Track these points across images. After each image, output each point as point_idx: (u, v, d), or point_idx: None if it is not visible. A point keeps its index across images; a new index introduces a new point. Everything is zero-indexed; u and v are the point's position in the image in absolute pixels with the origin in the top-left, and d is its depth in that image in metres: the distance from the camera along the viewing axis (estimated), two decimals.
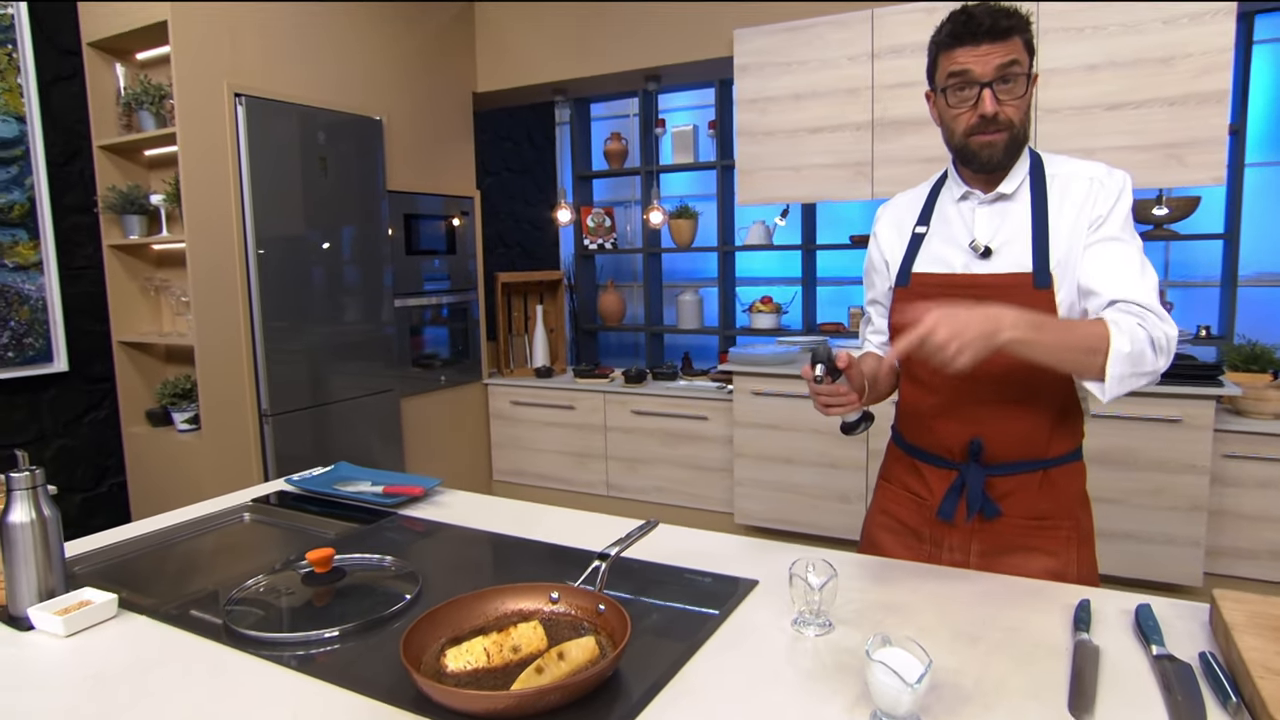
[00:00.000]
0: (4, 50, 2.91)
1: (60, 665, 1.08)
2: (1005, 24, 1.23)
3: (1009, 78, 1.24)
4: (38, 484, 1.24)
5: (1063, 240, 1.28)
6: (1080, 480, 1.38)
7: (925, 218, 1.42)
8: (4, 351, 2.92)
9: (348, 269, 3.49)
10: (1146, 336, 1.18)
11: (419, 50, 3.91)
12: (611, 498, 3.99)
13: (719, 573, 1.30)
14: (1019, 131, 1.28)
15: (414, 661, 0.98)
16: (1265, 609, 1.04)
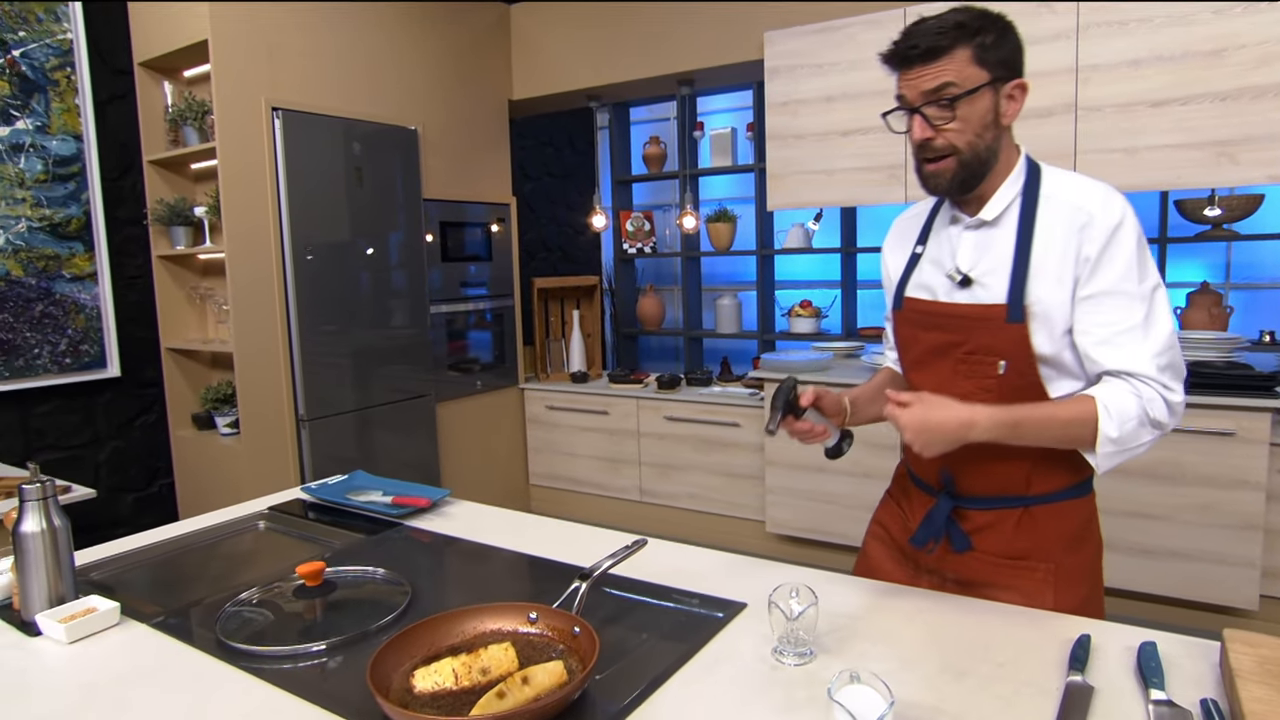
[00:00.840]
0: (63, 73, 3.05)
1: (58, 672, 1.12)
2: (939, 43, 1.14)
3: (944, 100, 1.15)
4: (48, 495, 1.28)
5: (1045, 274, 1.18)
6: (1072, 520, 1.28)
7: (924, 236, 1.36)
8: (62, 358, 3.06)
9: (384, 276, 3.56)
10: (1139, 414, 1.14)
11: (454, 59, 3.96)
12: (644, 503, 3.97)
13: (708, 594, 1.27)
14: (970, 156, 1.18)
15: (385, 680, 0.98)
16: (1274, 654, 0.97)
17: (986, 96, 1.17)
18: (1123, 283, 1.16)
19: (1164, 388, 1.15)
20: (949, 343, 1.26)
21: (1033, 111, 2.93)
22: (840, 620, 1.17)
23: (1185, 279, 3.90)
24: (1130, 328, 1.15)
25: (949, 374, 1.27)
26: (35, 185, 2.98)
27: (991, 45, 1.16)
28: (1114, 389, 1.16)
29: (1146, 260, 1.18)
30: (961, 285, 1.25)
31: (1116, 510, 2.85)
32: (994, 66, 1.17)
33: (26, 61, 2.97)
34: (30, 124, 2.97)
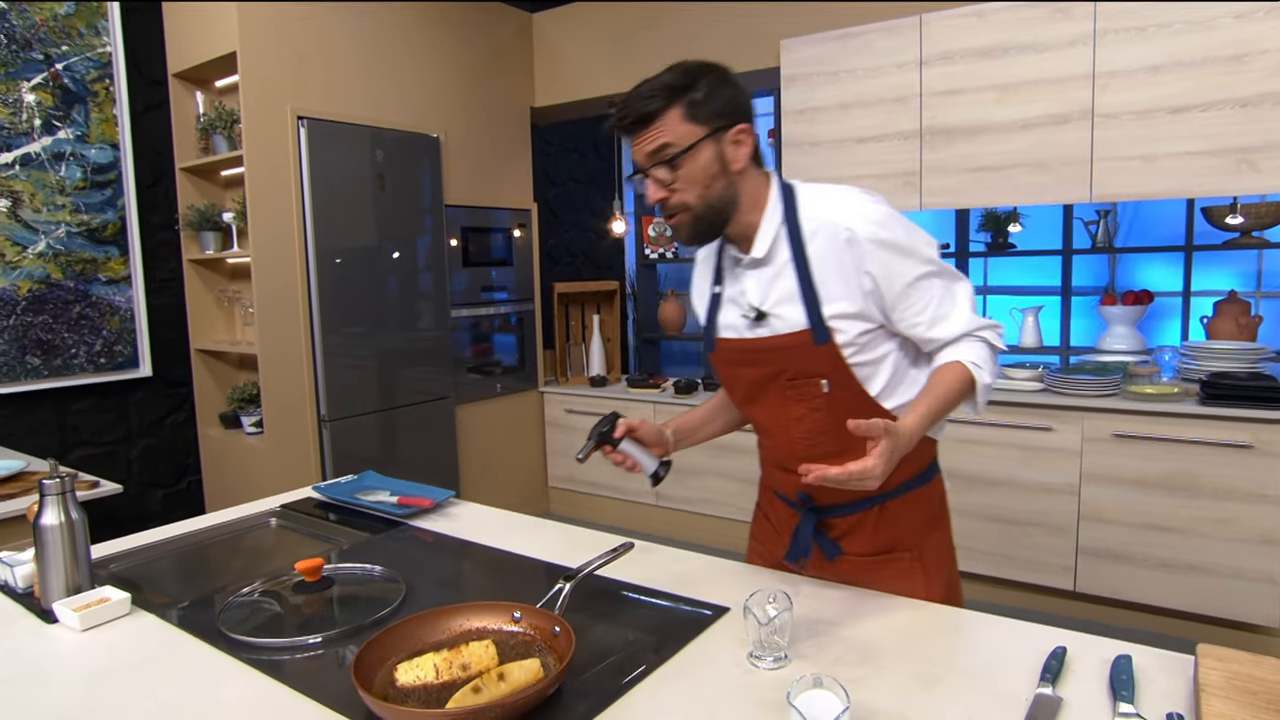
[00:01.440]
0: (102, 84, 3.17)
1: (71, 657, 1.18)
2: (649, 108, 1.18)
3: (665, 162, 1.19)
4: (66, 490, 1.34)
5: (834, 294, 1.23)
6: (927, 505, 1.37)
7: (719, 276, 1.38)
8: (97, 358, 3.17)
9: (405, 280, 3.63)
10: (990, 353, 1.28)
11: (476, 68, 4.02)
12: (660, 507, 3.99)
13: (693, 597, 1.29)
14: (703, 209, 1.22)
15: (370, 673, 1.02)
16: (1249, 670, 0.96)
17: (707, 149, 1.20)
18: (914, 271, 1.24)
19: (987, 325, 1.29)
20: (770, 374, 1.31)
21: (1049, 119, 2.91)
22: (820, 627, 1.19)
23: (1213, 287, 3.82)
24: (942, 299, 1.26)
25: (779, 401, 1.32)
26: (74, 192, 3.10)
27: (703, 100, 1.19)
28: (966, 346, 1.27)
29: (916, 238, 1.25)
30: (758, 320, 1.28)
31: (1131, 522, 2.81)
32: (709, 119, 1.19)
33: (69, 74, 3.09)
34: (71, 133, 3.09)
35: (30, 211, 2.98)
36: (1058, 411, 2.88)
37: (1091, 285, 4.20)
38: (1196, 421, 2.67)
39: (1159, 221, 4.02)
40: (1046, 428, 2.90)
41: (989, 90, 2.99)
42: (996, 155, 3.01)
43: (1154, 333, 4.01)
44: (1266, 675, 0.95)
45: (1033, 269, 4.23)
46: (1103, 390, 2.89)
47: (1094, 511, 2.87)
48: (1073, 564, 2.93)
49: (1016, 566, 3.03)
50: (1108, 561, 2.87)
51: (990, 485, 3.02)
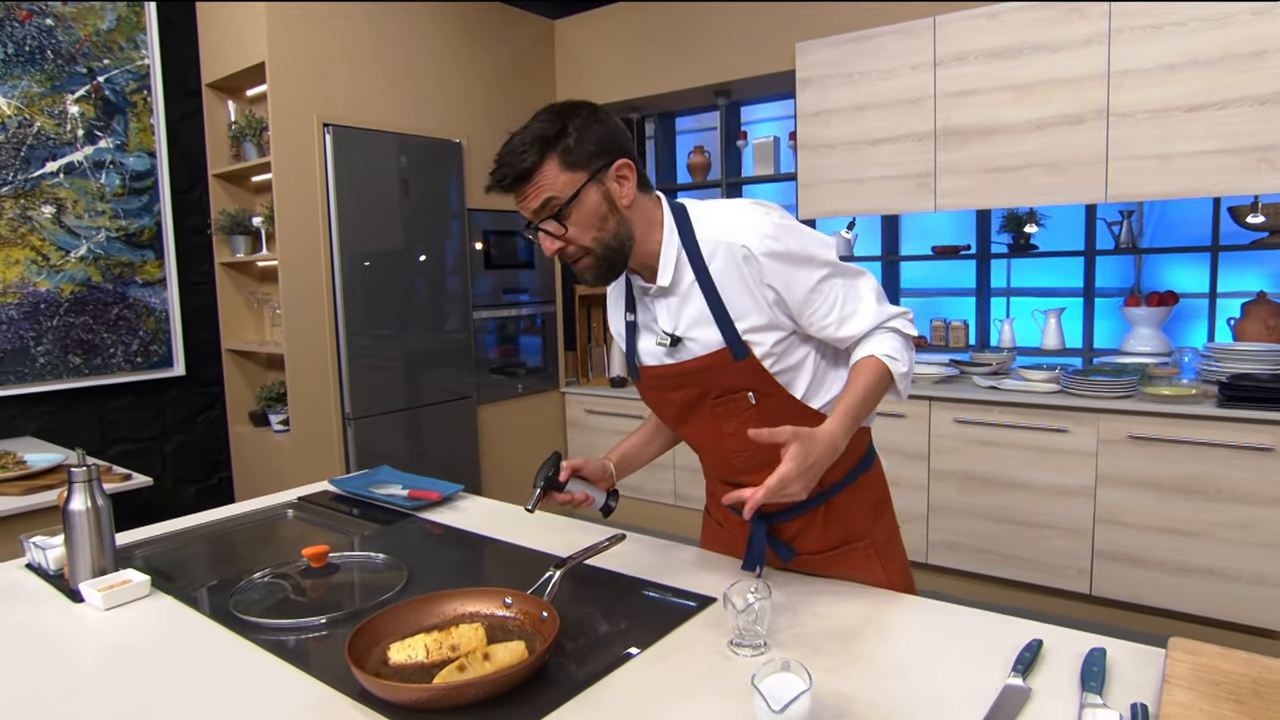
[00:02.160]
0: (140, 95, 3.30)
1: (94, 633, 1.25)
2: (523, 165, 1.16)
3: (553, 215, 1.19)
4: (93, 478, 1.42)
5: (743, 311, 1.24)
6: (870, 492, 1.40)
7: (631, 304, 1.37)
8: (134, 357, 3.30)
9: (429, 283, 3.71)
10: (903, 342, 1.30)
11: (499, 74, 4.10)
12: (679, 507, 4.03)
13: (681, 588, 1.33)
14: (601, 251, 1.22)
15: (364, 653, 1.07)
16: (1217, 663, 0.97)
17: (592, 193, 1.19)
18: (813, 276, 1.24)
19: (895, 316, 1.31)
20: (697, 395, 1.31)
21: (1063, 119, 2.89)
22: (803, 618, 1.21)
23: (1242, 288, 3.75)
24: (845, 299, 1.27)
25: (709, 420, 1.32)
26: (114, 199, 3.23)
27: (575, 145, 1.17)
28: (877, 340, 1.29)
29: (810, 241, 1.25)
30: (674, 345, 1.29)
31: (1148, 525, 2.78)
32: (586, 162, 1.18)
33: (109, 86, 3.22)
34: (111, 143, 3.22)
35: (73, 217, 3.12)
36: (1073, 413, 2.86)
37: (1116, 287, 4.14)
38: (1215, 423, 2.63)
39: (1185, 221, 3.95)
40: (1062, 429, 2.88)
41: (1003, 91, 2.98)
42: (1011, 156, 3.00)
43: (1179, 335, 3.94)
44: (1232, 668, 0.96)
45: (1055, 270, 4.18)
46: (1119, 392, 2.86)
47: (1110, 514, 2.84)
48: (1088, 567, 2.90)
49: (1031, 569, 3.01)
50: (1124, 565, 2.84)
51: (1005, 487, 3.01)
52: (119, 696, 1.05)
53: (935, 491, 3.12)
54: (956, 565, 3.14)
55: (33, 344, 3.03)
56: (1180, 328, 3.97)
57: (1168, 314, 3.53)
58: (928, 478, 3.14)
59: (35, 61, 3.03)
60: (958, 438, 3.02)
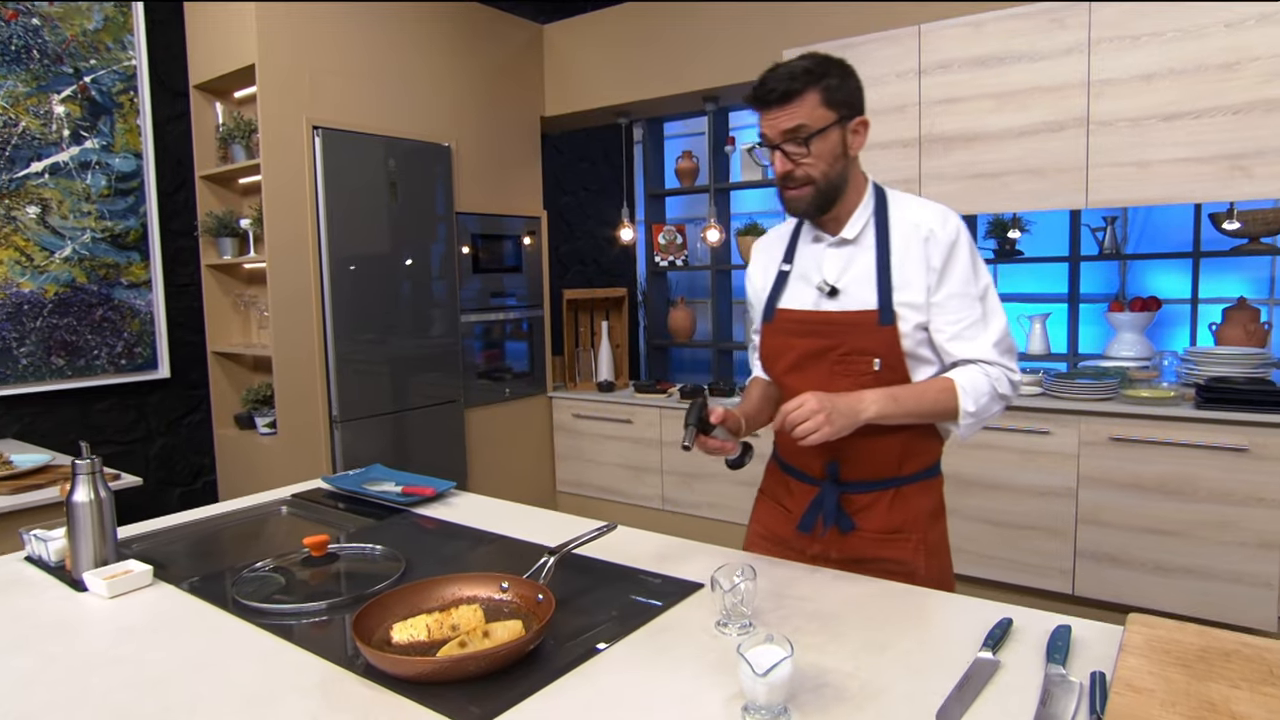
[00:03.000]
0: (127, 96, 3.36)
1: (101, 619, 1.32)
2: (792, 87, 1.34)
3: (797, 139, 1.35)
4: (96, 470, 1.50)
5: (905, 282, 1.41)
6: (933, 495, 1.50)
7: (790, 255, 1.54)
8: (118, 359, 3.35)
9: (417, 286, 3.78)
10: (990, 390, 1.40)
11: (487, 78, 4.19)
12: (666, 512, 4.11)
13: (670, 575, 1.41)
14: (826, 185, 1.39)
15: (367, 633, 1.15)
16: (1171, 634, 1.07)
17: (835, 133, 1.38)
18: (964, 287, 1.40)
19: (1006, 369, 1.41)
20: (825, 347, 1.45)
21: (1044, 126, 3.01)
22: (788, 601, 1.30)
23: (1223, 294, 3.89)
24: (973, 323, 1.41)
25: (825, 375, 1.45)
26: (99, 200, 3.28)
27: (836, 88, 1.37)
28: (968, 372, 1.41)
29: (979, 265, 1.43)
30: (830, 295, 1.44)
31: (1128, 525, 2.89)
32: (839, 106, 1.38)
33: (96, 86, 3.28)
34: (97, 143, 3.28)
35: (58, 218, 3.17)
36: (1055, 415, 2.97)
37: (1101, 292, 4.27)
38: (1193, 425, 2.75)
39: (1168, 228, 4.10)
40: (1044, 431, 2.99)
41: (986, 99, 3.10)
42: (993, 162, 3.12)
43: (1163, 340, 4.08)
44: (1184, 638, 1.06)
45: (1041, 276, 4.32)
46: (1100, 394, 2.97)
47: (1092, 514, 2.95)
48: (1071, 567, 3.01)
49: (1014, 570, 3.11)
50: (1105, 565, 2.95)
51: (988, 489, 3.11)
52: (131, 673, 1.12)
53: None
54: None
55: (15, 345, 3.08)
56: (1163, 333, 4.11)
57: (1151, 319, 3.66)
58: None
59: (21, 61, 3.08)
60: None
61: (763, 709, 0.95)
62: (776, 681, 0.93)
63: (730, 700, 1.01)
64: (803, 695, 1.01)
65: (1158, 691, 0.92)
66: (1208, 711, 0.88)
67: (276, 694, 1.06)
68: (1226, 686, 0.94)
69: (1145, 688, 0.93)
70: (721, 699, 1.01)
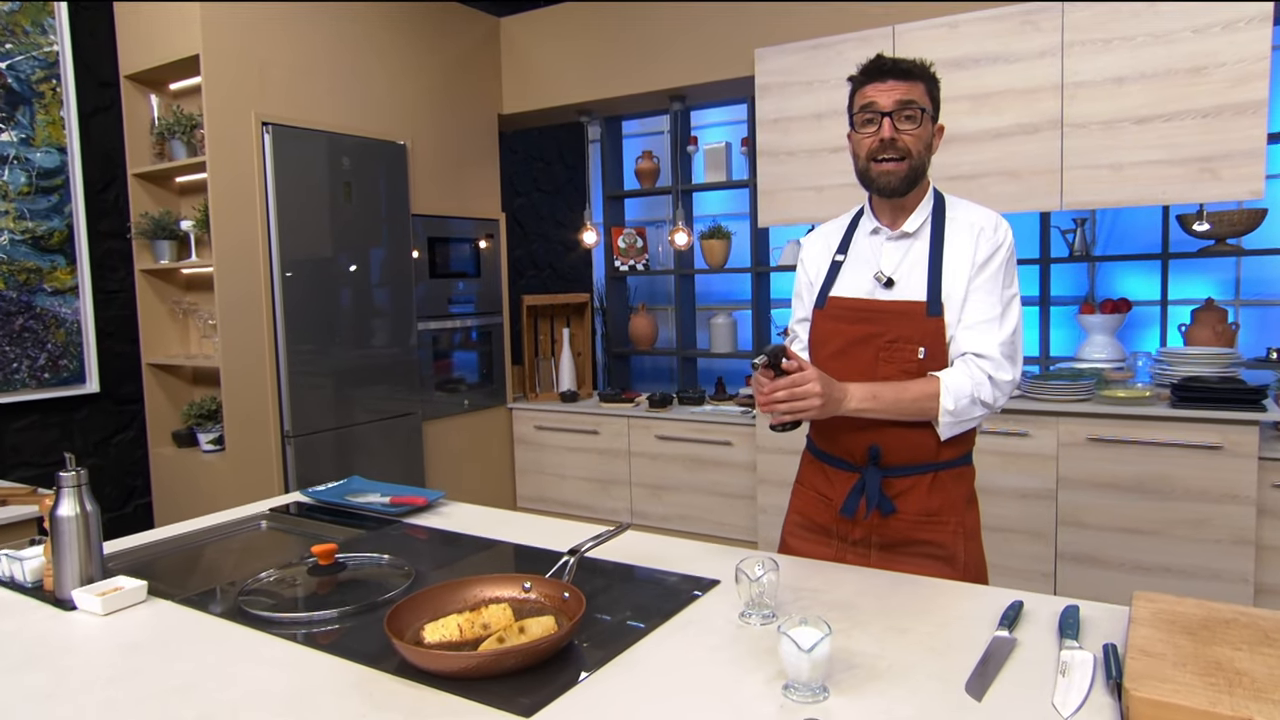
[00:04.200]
0: (49, 85, 3.34)
1: (98, 638, 1.36)
2: (909, 68, 1.59)
3: (909, 112, 1.57)
4: (82, 483, 1.53)
5: (954, 276, 1.60)
6: (967, 483, 1.68)
7: (844, 247, 1.74)
8: (40, 373, 3.31)
9: (372, 292, 3.83)
10: (970, 394, 1.56)
11: (443, 74, 4.27)
12: (635, 525, 4.21)
13: (685, 573, 1.53)
14: (917, 163, 1.61)
15: (397, 634, 1.23)
16: (1173, 607, 1.23)
17: (930, 124, 1.63)
18: (993, 284, 1.61)
19: (996, 367, 1.57)
20: (872, 334, 1.63)
21: (1019, 128, 3.24)
22: (804, 594, 1.43)
23: (1193, 295, 4.19)
24: (989, 319, 1.59)
25: (870, 361, 1.63)
26: (18, 198, 3.25)
27: (935, 90, 1.64)
28: (954, 372, 1.58)
29: (1013, 273, 1.64)
30: (886, 286, 1.64)
31: (1107, 526, 3.11)
32: (935, 104, 1.65)
33: (12, 74, 3.25)
34: (15, 136, 3.24)
35: None
36: (1034, 417, 3.19)
37: (1071, 295, 4.55)
38: (1168, 424, 2.99)
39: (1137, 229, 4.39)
40: (1023, 433, 3.20)
41: (961, 100, 3.32)
42: (969, 165, 3.33)
43: (1133, 341, 4.36)
44: (1187, 610, 1.22)
45: None
46: (1077, 395, 3.20)
47: (1071, 516, 3.16)
48: (1052, 570, 3.22)
49: (996, 574, 3.30)
50: (1086, 566, 3.16)
51: None
52: (153, 685, 1.18)
53: None
54: None
55: None
56: (1133, 334, 4.40)
57: (1121, 321, 3.93)
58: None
59: None
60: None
61: (805, 685, 1.07)
62: (819, 658, 1.05)
63: (770, 680, 1.12)
64: (838, 674, 1.14)
65: (1169, 655, 1.08)
66: (1214, 669, 1.03)
67: (313, 697, 1.13)
68: (1229, 649, 1.09)
69: (1157, 652, 1.08)
70: (762, 680, 1.13)
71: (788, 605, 1.38)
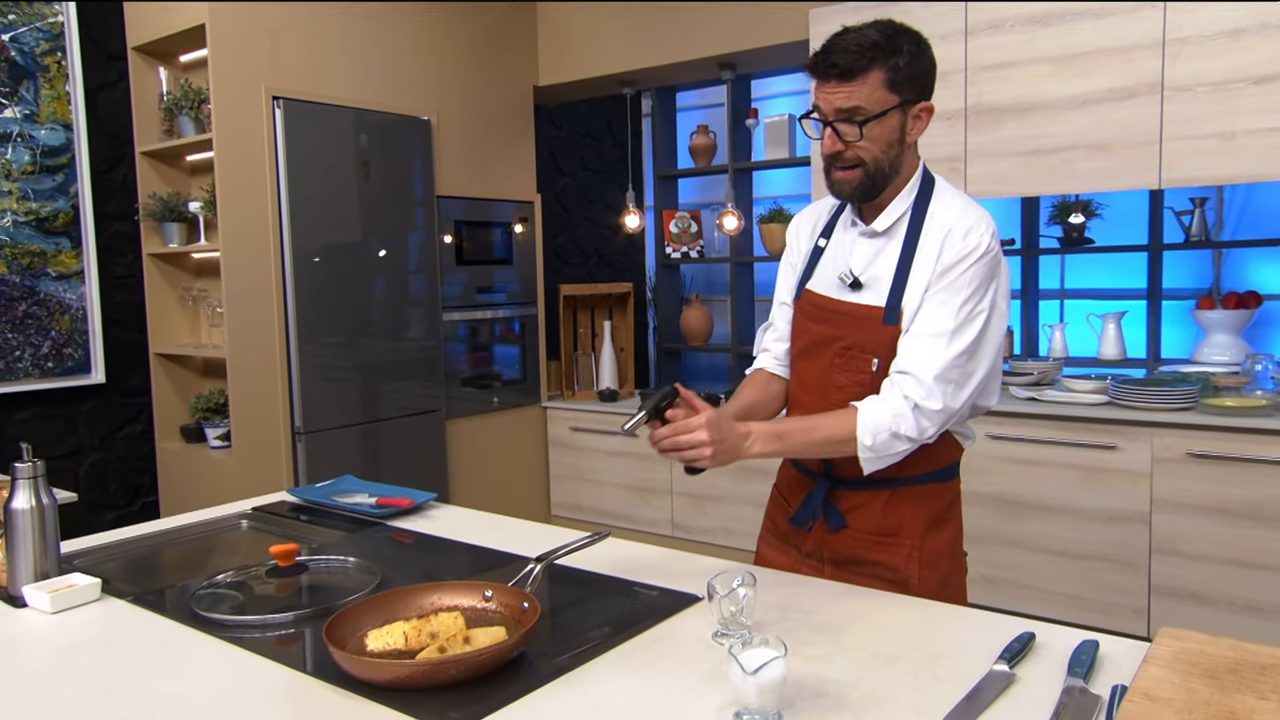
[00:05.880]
0: (54, 58, 3.53)
1: (43, 636, 1.46)
2: (856, 64, 1.45)
3: (854, 121, 1.48)
4: (38, 474, 1.64)
5: (916, 282, 1.56)
6: (935, 502, 1.65)
7: (828, 230, 1.72)
8: (44, 362, 3.51)
9: (392, 280, 3.95)
10: (890, 429, 1.49)
11: (473, 43, 4.36)
12: (676, 538, 4.25)
13: (667, 587, 1.55)
14: (874, 170, 1.52)
15: (340, 641, 1.28)
16: (1201, 647, 1.19)
17: (894, 118, 1.50)
18: (951, 296, 1.51)
19: (925, 393, 1.49)
20: (830, 336, 1.63)
21: (1111, 94, 3.15)
22: (791, 614, 1.44)
23: None
24: (935, 335, 1.51)
25: (827, 366, 1.64)
26: (22, 177, 3.44)
27: (904, 67, 1.48)
28: (875, 403, 1.52)
29: (989, 292, 1.53)
30: (852, 287, 1.61)
31: (1212, 556, 2.99)
32: (904, 89, 1.50)
33: (16, 46, 3.43)
34: (19, 112, 3.43)
35: None
36: (1123, 427, 3.09)
37: (1190, 287, 4.38)
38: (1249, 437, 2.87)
39: (1273, 211, 4.20)
40: (1111, 446, 3.11)
41: (1043, 63, 3.24)
42: (1051, 137, 3.25)
43: (1262, 342, 4.17)
44: (1216, 651, 1.18)
45: (1116, 268, 4.43)
46: (1175, 403, 3.09)
47: (1168, 544, 3.06)
48: (1145, 606, 3.12)
49: (1078, 608, 3.23)
50: (1187, 604, 3.05)
51: (1046, 512, 3.23)
52: (80, 687, 1.26)
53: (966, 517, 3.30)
54: (992, 603, 3.35)
55: None
56: (1264, 334, 4.21)
57: (1249, 317, 3.75)
58: None
59: None
60: (991, 455, 3.22)
61: (755, 713, 1.09)
62: (767, 682, 1.07)
63: (723, 708, 1.14)
64: (800, 703, 1.15)
65: (1175, 700, 1.05)
66: None
67: (239, 703, 1.20)
68: (1254, 698, 1.06)
69: (1163, 697, 1.06)
70: (714, 706, 1.15)
71: (770, 626, 1.39)
